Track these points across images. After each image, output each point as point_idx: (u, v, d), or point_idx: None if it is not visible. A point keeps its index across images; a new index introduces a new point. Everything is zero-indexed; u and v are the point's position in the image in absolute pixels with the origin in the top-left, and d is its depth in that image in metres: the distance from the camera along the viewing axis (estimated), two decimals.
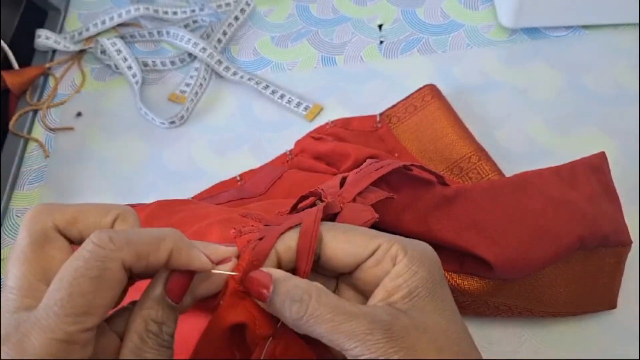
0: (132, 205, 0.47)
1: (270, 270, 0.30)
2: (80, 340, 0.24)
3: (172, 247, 0.27)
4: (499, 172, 0.52)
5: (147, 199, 0.57)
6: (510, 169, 0.51)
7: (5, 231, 0.56)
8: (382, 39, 0.65)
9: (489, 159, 0.53)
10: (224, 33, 0.65)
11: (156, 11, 0.67)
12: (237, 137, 0.59)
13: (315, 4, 0.68)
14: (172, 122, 0.60)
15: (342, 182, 0.39)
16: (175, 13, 0.67)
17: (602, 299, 0.47)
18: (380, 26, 0.66)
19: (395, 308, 0.28)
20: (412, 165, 0.43)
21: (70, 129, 0.62)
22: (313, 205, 0.38)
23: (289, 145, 0.57)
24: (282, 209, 0.41)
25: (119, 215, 0.28)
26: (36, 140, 0.61)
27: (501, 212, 0.43)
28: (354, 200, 0.37)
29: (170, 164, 0.59)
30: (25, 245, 0.27)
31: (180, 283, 0.28)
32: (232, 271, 0.30)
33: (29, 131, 0.62)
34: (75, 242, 0.28)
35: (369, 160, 0.43)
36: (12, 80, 0.62)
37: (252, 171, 0.56)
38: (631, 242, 0.46)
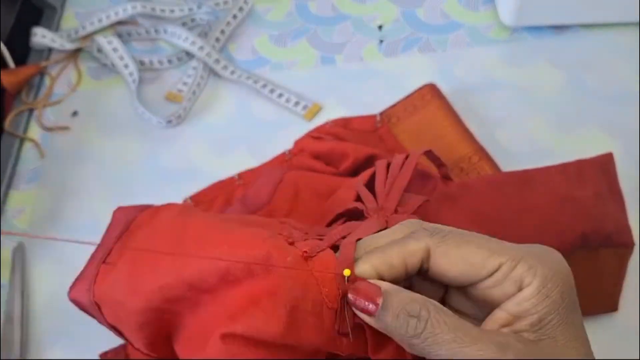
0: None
1: (377, 282, 0.26)
2: None
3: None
4: (500, 172, 0.51)
5: (143, 199, 0.56)
6: (511, 169, 0.50)
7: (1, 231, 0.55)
8: (382, 39, 0.64)
9: (489, 158, 0.52)
10: (222, 31, 0.65)
11: (153, 9, 0.66)
12: (235, 136, 0.59)
13: (315, 2, 0.68)
14: (169, 122, 0.59)
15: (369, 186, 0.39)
16: (172, 11, 0.67)
17: (604, 301, 0.47)
18: (380, 27, 0.65)
19: (523, 338, 0.25)
20: (425, 153, 0.43)
21: (66, 128, 0.61)
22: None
23: (288, 145, 0.56)
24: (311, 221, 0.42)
25: None
26: (32, 140, 0.60)
27: (505, 204, 0.43)
28: (395, 211, 0.36)
29: (168, 163, 0.58)
30: None
31: None
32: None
33: (25, 130, 0.61)
34: None
35: (381, 161, 0.42)
36: (7, 79, 0.61)
37: (251, 171, 0.55)
38: (634, 243, 0.46)
